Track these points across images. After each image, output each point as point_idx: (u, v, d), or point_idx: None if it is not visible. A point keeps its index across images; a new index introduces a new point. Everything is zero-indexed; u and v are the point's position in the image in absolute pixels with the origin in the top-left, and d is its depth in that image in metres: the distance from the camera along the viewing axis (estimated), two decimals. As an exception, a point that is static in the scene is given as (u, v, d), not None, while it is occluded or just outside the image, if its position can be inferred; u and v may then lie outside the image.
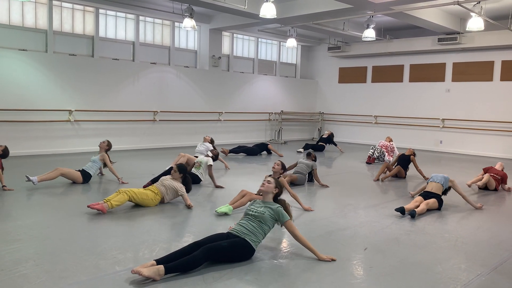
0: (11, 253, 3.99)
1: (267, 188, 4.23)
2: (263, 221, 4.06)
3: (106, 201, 5.43)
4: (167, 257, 3.68)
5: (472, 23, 9.83)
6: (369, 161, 11.00)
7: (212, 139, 9.86)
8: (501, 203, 7.03)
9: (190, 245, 3.85)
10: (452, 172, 9.17)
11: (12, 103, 10.12)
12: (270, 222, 4.10)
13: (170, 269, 3.53)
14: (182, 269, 3.61)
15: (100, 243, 4.34)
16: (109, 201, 5.41)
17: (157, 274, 3.45)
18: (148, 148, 12.46)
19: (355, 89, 16.85)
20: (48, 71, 10.73)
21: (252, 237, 3.99)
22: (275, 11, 9.35)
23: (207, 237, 3.98)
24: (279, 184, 4.33)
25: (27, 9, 10.70)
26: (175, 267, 3.57)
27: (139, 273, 3.40)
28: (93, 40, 11.87)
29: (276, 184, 4.27)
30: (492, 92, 13.51)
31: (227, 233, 4.06)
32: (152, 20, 13.17)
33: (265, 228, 4.09)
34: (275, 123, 16.38)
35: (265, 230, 4.10)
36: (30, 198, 6.18)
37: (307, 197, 6.93)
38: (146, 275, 3.41)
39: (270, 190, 4.23)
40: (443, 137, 14.60)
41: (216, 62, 14.39)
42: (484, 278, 3.81)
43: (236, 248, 3.88)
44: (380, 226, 5.32)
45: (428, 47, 14.17)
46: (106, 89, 11.77)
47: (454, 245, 4.69)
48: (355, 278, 3.75)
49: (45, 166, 8.68)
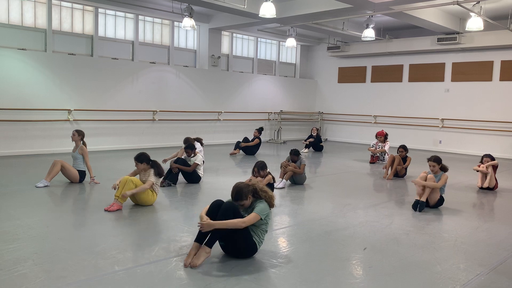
0: (10, 252, 3.99)
1: (247, 206, 4.08)
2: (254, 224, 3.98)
3: (116, 198, 5.53)
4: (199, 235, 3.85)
5: (471, 23, 9.84)
6: (372, 160, 11.01)
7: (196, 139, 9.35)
8: (500, 203, 7.04)
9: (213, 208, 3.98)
10: (451, 172, 9.14)
11: (11, 102, 10.11)
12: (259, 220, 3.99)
13: (211, 243, 3.81)
14: (219, 236, 3.87)
15: (99, 242, 4.34)
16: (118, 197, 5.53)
17: (206, 255, 3.77)
18: (147, 148, 12.44)
19: (355, 89, 16.86)
20: (47, 70, 10.72)
21: (255, 237, 4.01)
22: (274, 11, 9.35)
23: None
24: (248, 191, 4.04)
25: (26, 8, 10.69)
26: (214, 238, 3.82)
27: (194, 265, 3.64)
28: (92, 40, 11.86)
29: (246, 196, 4.01)
30: (491, 92, 13.52)
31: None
32: (151, 20, 13.17)
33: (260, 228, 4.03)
34: (274, 122, 16.38)
35: (261, 229, 4.05)
36: (29, 198, 6.17)
37: (307, 197, 6.94)
38: (200, 263, 3.69)
39: (249, 203, 4.08)
40: (442, 137, 14.61)
41: (215, 61, 14.39)
42: (483, 278, 3.81)
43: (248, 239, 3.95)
44: (379, 226, 5.32)
45: (427, 47, 14.18)
46: (105, 89, 11.76)
47: (453, 245, 4.70)
48: (354, 278, 3.75)
49: (44, 165, 8.67)
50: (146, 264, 3.83)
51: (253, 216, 3.89)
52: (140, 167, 5.92)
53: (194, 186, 7.36)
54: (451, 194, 7.28)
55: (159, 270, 3.70)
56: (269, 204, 4.08)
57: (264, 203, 4.03)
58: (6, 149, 10.13)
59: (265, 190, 4.14)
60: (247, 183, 4.13)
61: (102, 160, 9.82)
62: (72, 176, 7.18)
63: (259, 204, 4.00)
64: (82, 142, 7.40)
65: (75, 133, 7.37)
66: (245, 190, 4.02)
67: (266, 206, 4.03)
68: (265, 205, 4.02)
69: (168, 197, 6.50)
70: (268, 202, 4.08)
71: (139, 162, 5.90)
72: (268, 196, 4.11)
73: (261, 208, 3.97)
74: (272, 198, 4.15)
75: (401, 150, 9.04)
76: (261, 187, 4.17)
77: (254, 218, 3.89)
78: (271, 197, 4.13)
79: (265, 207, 4.00)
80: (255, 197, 4.09)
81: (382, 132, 11.32)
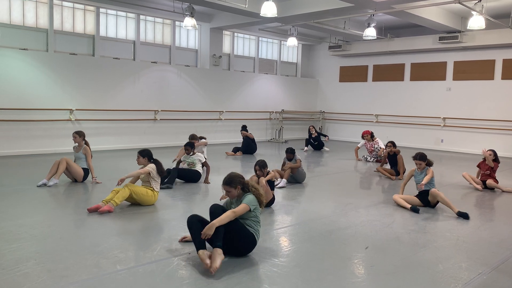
0: (12, 252, 4.00)
1: (232, 197, 4.17)
2: (244, 217, 4.03)
3: (107, 201, 5.46)
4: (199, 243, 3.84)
5: (473, 21, 9.81)
6: (378, 161, 11.00)
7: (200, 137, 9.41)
8: (501, 202, 7.02)
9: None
10: (453, 171, 9.16)
11: (12, 102, 10.13)
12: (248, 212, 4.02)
13: (217, 243, 3.80)
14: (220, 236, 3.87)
15: (101, 242, 4.34)
16: (113, 200, 5.46)
17: (221, 257, 3.71)
18: (149, 147, 12.41)
19: (356, 88, 16.84)
20: (48, 70, 10.73)
21: (251, 229, 4.04)
22: (275, 10, 9.35)
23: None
24: (236, 182, 4.12)
25: (28, 8, 10.71)
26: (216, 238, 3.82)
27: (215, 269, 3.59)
28: (93, 39, 11.87)
29: (234, 186, 4.10)
30: (493, 90, 13.49)
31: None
32: (152, 19, 13.17)
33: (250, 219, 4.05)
34: (276, 122, 16.37)
35: (252, 220, 4.06)
36: (31, 197, 6.18)
37: (309, 196, 6.93)
38: (219, 265, 3.63)
39: (236, 194, 4.15)
40: (444, 136, 14.58)
41: (216, 61, 14.38)
42: (485, 277, 3.81)
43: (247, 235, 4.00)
44: (381, 225, 5.32)
45: (429, 46, 14.15)
46: (107, 88, 11.77)
47: (455, 244, 4.69)
48: (356, 277, 3.74)
49: (46, 165, 8.68)
50: (147, 263, 3.83)
51: (242, 206, 3.97)
52: (141, 161, 5.96)
53: (195, 186, 7.36)
54: (452, 193, 7.27)
55: (160, 270, 3.70)
56: (258, 200, 4.11)
57: (253, 196, 4.09)
58: (8, 149, 10.15)
59: (256, 188, 4.20)
60: (241, 176, 4.20)
61: (103, 159, 9.83)
62: (77, 173, 7.21)
63: (248, 196, 4.07)
64: (84, 142, 7.43)
65: (76, 135, 7.39)
66: (236, 180, 4.13)
67: (255, 199, 4.08)
68: (254, 197, 4.08)
69: (169, 196, 6.50)
70: (257, 198, 4.11)
71: (142, 156, 5.94)
72: (258, 193, 4.15)
73: (250, 199, 4.04)
74: (262, 196, 4.18)
75: (389, 145, 9.03)
76: (253, 184, 4.23)
77: (243, 208, 3.96)
78: (260, 195, 4.16)
79: (253, 199, 4.06)
80: (244, 191, 4.15)
81: (368, 131, 11.31)
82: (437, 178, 8.67)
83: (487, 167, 7.92)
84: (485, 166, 7.96)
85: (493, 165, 7.85)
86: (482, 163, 8.06)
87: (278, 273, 3.72)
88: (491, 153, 7.88)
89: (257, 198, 4.11)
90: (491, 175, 7.87)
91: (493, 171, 7.88)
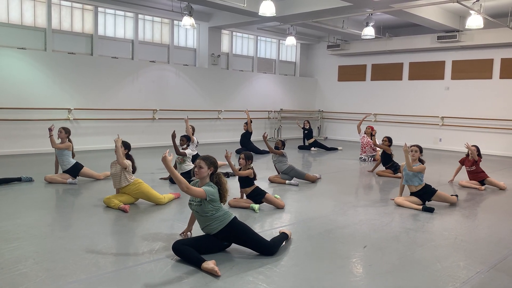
0: (11, 251, 4.00)
1: (201, 174, 4.09)
2: (205, 211, 3.99)
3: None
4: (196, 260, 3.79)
5: (471, 21, 9.83)
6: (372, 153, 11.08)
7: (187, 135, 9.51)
8: (500, 201, 7.04)
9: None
10: (451, 170, 9.15)
11: (11, 101, 10.11)
12: (208, 204, 3.98)
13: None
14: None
15: (99, 241, 4.34)
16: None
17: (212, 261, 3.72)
18: (147, 147, 12.46)
19: (355, 87, 16.85)
20: (47, 69, 10.72)
21: (218, 224, 4.02)
22: (274, 9, 9.34)
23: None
24: (212, 162, 4.13)
25: (26, 8, 10.68)
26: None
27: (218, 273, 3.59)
28: (92, 39, 11.85)
29: (209, 165, 4.10)
30: (491, 90, 13.51)
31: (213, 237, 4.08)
32: (151, 19, 13.16)
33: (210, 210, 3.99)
34: (274, 121, 16.37)
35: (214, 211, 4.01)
36: (30, 197, 6.18)
37: (308, 195, 6.94)
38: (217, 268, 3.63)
39: (204, 174, 4.09)
40: (442, 135, 14.60)
41: (215, 60, 14.38)
42: (483, 275, 3.82)
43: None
44: (379, 224, 5.33)
45: (427, 45, 14.17)
46: (105, 88, 11.76)
47: (453, 242, 4.70)
48: (354, 276, 3.75)
49: (45, 164, 8.68)
50: (146, 262, 3.84)
51: (199, 189, 3.93)
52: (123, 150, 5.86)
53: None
54: (451, 192, 7.28)
55: (159, 269, 3.70)
56: (220, 195, 4.09)
57: (215, 190, 4.03)
58: (6, 148, 10.14)
59: (223, 182, 4.14)
60: (218, 164, 4.19)
61: (102, 158, 9.81)
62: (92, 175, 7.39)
63: (211, 187, 4.01)
64: (68, 139, 7.34)
65: (62, 130, 7.30)
66: (212, 160, 4.13)
67: (217, 193, 4.03)
68: (216, 191, 4.03)
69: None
70: (220, 192, 4.09)
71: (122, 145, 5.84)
72: (222, 188, 4.11)
73: (211, 191, 3.98)
74: (226, 192, 4.15)
75: (385, 139, 9.04)
76: (222, 176, 4.19)
77: (199, 192, 3.90)
78: (225, 190, 4.14)
79: (215, 192, 4.01)
80: (211, 178, 4.13)
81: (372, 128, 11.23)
82: (435, 177, 8.71)
83: (471, 162, 7.90)
84: (469, 161, 7.94)
85: (477, 159, 7.83)
86: (466, 159, 8.02)
87: (277, 272, 3.72)
88: (474, 148, 7.88)
89: (220, 193, 4.08)
90: (476, 171, 7.86)
91: (478, 165, 7.87)
